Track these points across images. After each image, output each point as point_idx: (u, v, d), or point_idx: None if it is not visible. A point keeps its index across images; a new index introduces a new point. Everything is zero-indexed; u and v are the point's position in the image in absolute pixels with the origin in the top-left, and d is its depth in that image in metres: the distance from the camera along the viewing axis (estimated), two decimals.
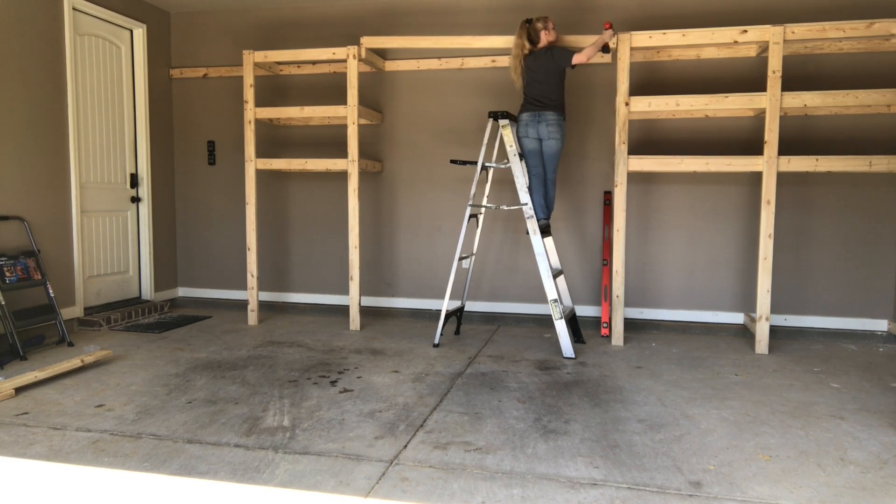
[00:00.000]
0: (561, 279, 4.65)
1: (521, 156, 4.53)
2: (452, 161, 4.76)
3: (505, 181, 5.25)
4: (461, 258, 4.60)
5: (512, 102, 5.09)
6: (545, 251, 4.32)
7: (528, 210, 4.34)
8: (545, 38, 4.39)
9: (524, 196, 4.36)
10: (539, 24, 4.39)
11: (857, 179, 4.75)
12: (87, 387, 3.51)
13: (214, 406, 3.21)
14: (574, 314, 4.64)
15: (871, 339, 4.74)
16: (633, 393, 3.47)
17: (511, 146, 4.39)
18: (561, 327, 4.22)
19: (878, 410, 3.22)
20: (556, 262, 4.68)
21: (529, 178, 4.49)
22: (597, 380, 3.72)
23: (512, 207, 4.56)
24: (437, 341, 4.51)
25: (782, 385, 3.64)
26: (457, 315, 4.96)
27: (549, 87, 4.35)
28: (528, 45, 4.41)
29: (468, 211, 4.52)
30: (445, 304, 4.52)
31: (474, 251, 5.02)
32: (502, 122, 4.41)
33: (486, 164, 4.70)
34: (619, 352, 4.39)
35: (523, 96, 4.46)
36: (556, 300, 4.22)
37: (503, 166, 4.65)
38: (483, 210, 5.03)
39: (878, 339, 4.74)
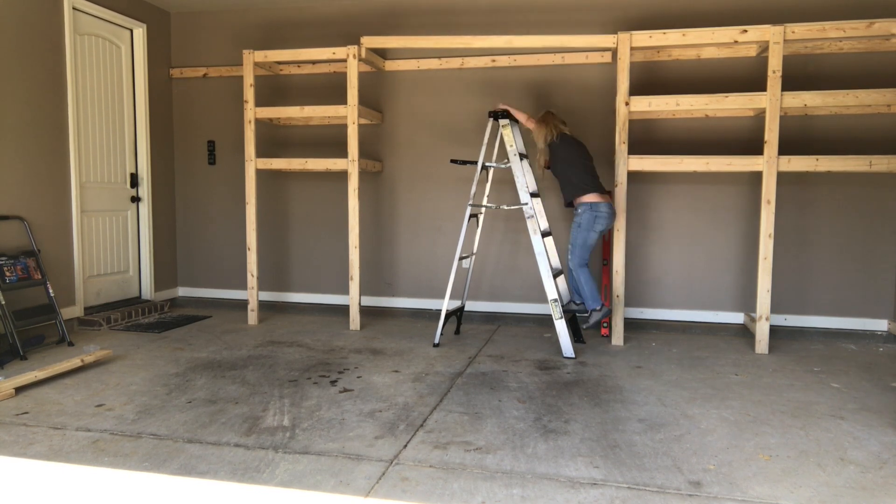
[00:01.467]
0: (561, 279, 4.64)
1: (523, 156, 4.52)
2: (452, 161, 4.77)
3: (505, 181, 5.24)
4: (461, 258, 4.60)
5: (511, 102, 5.08)
6: (545, 251, 4.32)
7: (529, 210, 4.34)
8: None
9: (524, 196, 4.36)
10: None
11: (857, 179, 4.75)
12: (87, 386, 3.51)
13: (214, 406, 3.21)
14: (574, 314, 4.64)
15: (871, 338, 4.74)
16: (633, 393, 3.47)
17: (511, 146, 4.38)
18: (561, 327, 4.22)
19: (878, 410, 3.22)
20: (556, 262, 4.67)
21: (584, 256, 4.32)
22: (597, 380, 3.72)
23: (512, 207, 4.56)
24: (437, 341, 4.51)
25: (782, 385, 3.64)
26: (457, 315, 4.96)
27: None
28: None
29: (468, 211, 4.52)
30: (445, 304, 4.52)
31: (474, 251, 5.02)
32: (502, 121, 4.41)
33: (487, 164, 4.70)
34: (619, 352, 4.39)
35: (591, 180, 4.31)
36: (556, 300, 4.22)
37: (503, 166, 4.65)
38: (483, 210, 5.03)
39: (878, 339, 4.74)
